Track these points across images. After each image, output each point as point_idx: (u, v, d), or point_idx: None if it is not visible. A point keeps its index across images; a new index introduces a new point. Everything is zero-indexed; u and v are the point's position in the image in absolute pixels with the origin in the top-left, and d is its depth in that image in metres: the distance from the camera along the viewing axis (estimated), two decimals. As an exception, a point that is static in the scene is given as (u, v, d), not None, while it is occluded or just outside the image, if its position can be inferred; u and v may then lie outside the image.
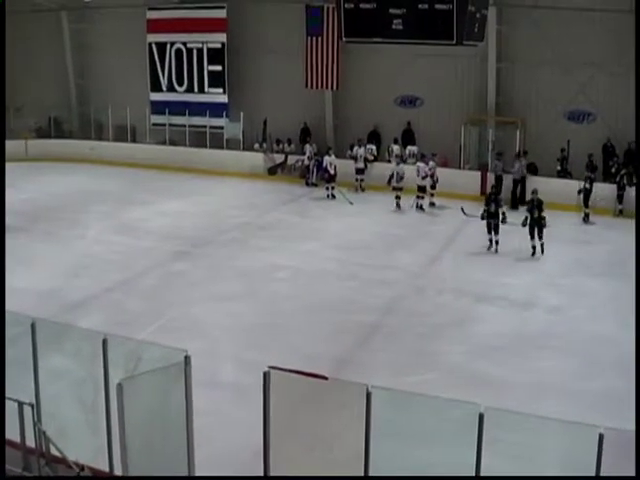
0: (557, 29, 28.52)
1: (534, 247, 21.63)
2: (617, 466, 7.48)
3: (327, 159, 29.45)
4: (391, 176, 27.39)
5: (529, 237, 21.60)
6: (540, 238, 21.68)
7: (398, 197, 27.08)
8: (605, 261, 21.51)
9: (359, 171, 30.31)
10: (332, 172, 29.14)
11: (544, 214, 21.69)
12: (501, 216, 22.10)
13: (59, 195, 27.92)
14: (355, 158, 30.35)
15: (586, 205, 26.35)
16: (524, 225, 21.60)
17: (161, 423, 8.88)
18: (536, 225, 21.66)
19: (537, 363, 14.47)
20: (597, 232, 24.92)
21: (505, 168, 28.48)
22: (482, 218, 22.27)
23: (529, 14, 28.70)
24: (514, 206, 27.32)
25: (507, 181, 28.29)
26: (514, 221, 21.88)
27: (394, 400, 8.35)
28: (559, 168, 28.57)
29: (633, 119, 27.34)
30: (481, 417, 7.61)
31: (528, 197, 27.19)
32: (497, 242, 22.02)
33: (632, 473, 7.53)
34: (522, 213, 22.21)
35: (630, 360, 14.55)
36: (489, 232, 22.12)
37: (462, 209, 24.90)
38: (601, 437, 7.27)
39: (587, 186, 26.24)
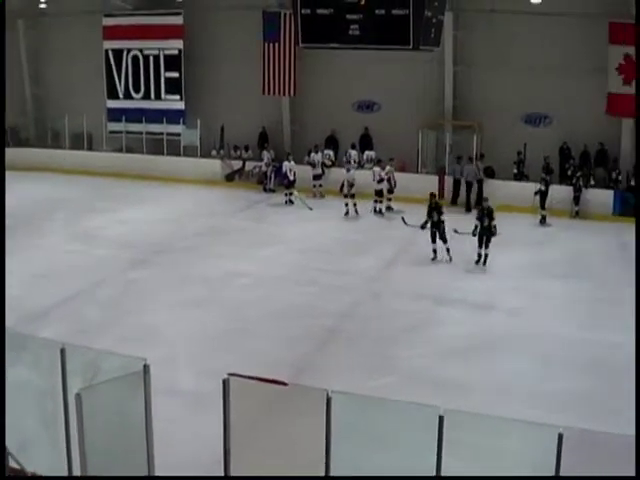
0: (514, 33, 28.87)
1: (480, 255, 21.23)
2: (578, 466, 7.54)
3: (287, 165, 29.41)
4: (342, 184, 27.55)
5: (477, 245, 21.22)
6: (487, 247, 21.19)
7: (347, 204, 27.05)
8: (563, 262, 21.71)
9: (316, 177, 30.27)
10: (292, 178, 29.13)
11: (494, 222, 21.14)
12: (441, 226, 21.59)
13: (16, 204, 27.55)
14: (313, 164, 30.34)
15: (542, 207, 26.58)
16: (474, 234, 21.18)
17: (121, 432, 8.82)
18: (485, 234, 21.14)
19: (497, 365, 14.57)
20: (554, 234, 25.15)
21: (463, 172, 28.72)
22: (422, 228, 21.97)
23: (486, 19, 28.93)
24: (468, 209, 27.57)
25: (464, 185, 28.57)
26: (465, 231, 21.67)
27: (354, 404, 8.36)
28: (516, 171, 28.83)
29: (588, 122, 27.85)
30: (441, 419, 7.64)
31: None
32: (448, 250, 21.51)
33: (593, 473, 7.59)
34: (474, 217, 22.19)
35: (591, 360, 14.77)
36: (433, 241, 21.65)
37: (402, 218, 24.32)
38: (560, 437, 7.33)
39: (542, 188, 26.49)
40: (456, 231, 21.91)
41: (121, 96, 35.47)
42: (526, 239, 24.39)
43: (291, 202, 28.85)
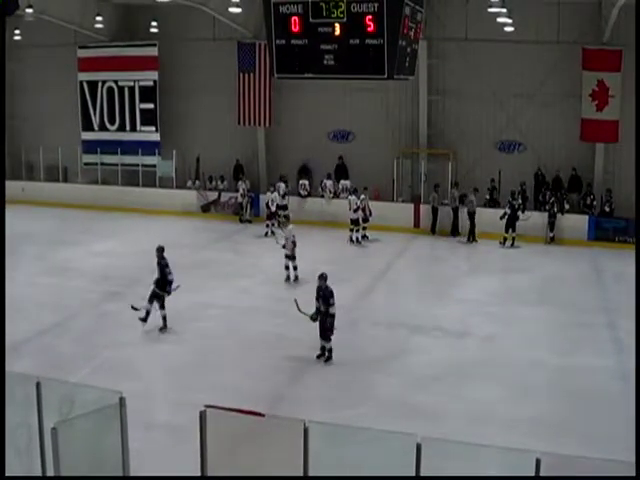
0: (487, 61, 29.19)
1: (323, 349, 16.25)
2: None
3: (269, 196, 29.40)
4: (286, 241, 23.00)
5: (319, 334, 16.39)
6: (327, 340, 16.15)
7: (288, 267, 22.78)
8: (538, 288, 21.80)
9: (283, 207, 29.84)
10: (273, 209, 29.04)
11: (333, 310, 16.00)
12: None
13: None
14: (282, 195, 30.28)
15: (506, 230, 26.78)
16: (314, 319, 16.21)
17: (97, 466, 8.76)
18: (325, 321, 16.12)
19: (472, 392, 14.55)
20: (529, 260, 25.25)
21: (441, 200, 28.87)
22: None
23: (459, 47, 29.23)
24: (471, 239, 27.82)
25: (442, 213, 28.67)
26: (306, 311, 16.56)
27: (332, 434, 8.34)
28: (488, 197, 28.95)
29: (561, 148, 28.15)
30: (418, 447, 7.63)
31: (461, 228, 27.72)
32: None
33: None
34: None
35: (565, 386, 14.79)
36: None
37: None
38: (538, 462, 7.35)
39: (508, 211, 26.67)
40: (298, 307, 16.59)
41: (96, 128, 35.41)
42: (501, 265, 24.53)
43: (272, 233, 28.42)
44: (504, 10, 24.19)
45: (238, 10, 26.94)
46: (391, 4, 12.77)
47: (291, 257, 22.71)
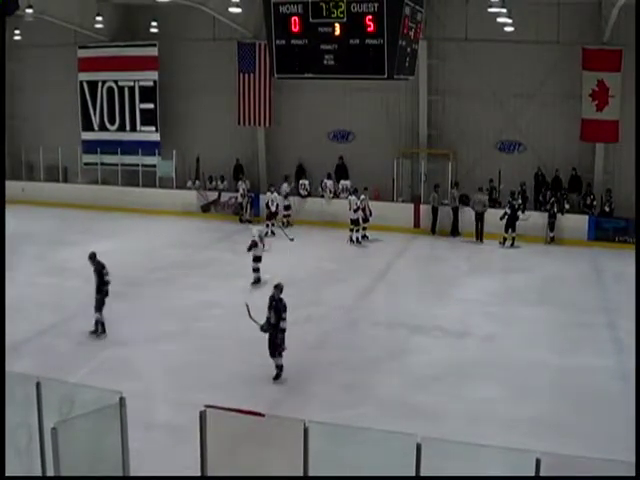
0: (486, 61, 29.17)
1: (279, 368, 15.30)
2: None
3: (269, 196, 29.31)
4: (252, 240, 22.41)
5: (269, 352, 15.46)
6: (278, 356, 15.27)
7: (257, 269, 22.27)
8: (536, 288, 21.80)
9: (286, 207, 30.37)
10: (273, 209, 29.01)
11: (284, 325, 15.22)
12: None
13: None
14: (285, 196, 30.40)
15: (506, 230, 26.77)
16: (264, 330, 15.36)
17: (97, 466, 8.76)
18: (272, 338, 15.29)
19: (472, 392, 14.55)
20: (529, 260, 25.22)
21: (441, 200, 28.85)
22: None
23: (459, 48, 29.22)
24: (479, 239, 27.80)
25: (442, 213, 28.66)
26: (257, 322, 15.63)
27: (332, 434, 8.33)
28: (487, 197, 28.92)
29: (561, 148, 28.14)
30: (418, 447, 7.63)
31: (461, 228, 27.71)
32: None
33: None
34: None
35: (564, 386, 14.79)
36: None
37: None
38: (538, 462, 7.35)
39: (508, 211, 26.65)
40: (249, 313, 15.87)
41: (96, 128, 35.36)
42: (501, 265, 24.52)
43: (272, 233, 28.47)
44: (504, 10, 24.15)
45: (238, 10, 26.92)
46: (391, 4, 12.75)
47: (257, 259, 22.31)
